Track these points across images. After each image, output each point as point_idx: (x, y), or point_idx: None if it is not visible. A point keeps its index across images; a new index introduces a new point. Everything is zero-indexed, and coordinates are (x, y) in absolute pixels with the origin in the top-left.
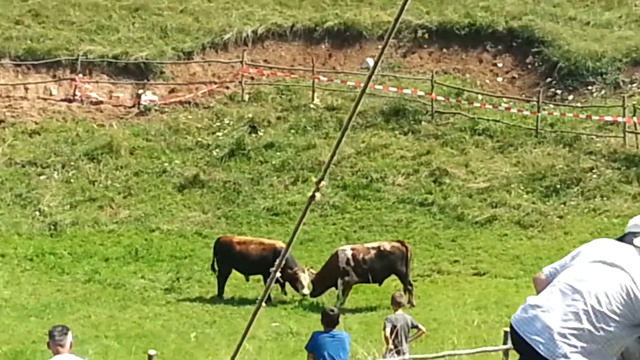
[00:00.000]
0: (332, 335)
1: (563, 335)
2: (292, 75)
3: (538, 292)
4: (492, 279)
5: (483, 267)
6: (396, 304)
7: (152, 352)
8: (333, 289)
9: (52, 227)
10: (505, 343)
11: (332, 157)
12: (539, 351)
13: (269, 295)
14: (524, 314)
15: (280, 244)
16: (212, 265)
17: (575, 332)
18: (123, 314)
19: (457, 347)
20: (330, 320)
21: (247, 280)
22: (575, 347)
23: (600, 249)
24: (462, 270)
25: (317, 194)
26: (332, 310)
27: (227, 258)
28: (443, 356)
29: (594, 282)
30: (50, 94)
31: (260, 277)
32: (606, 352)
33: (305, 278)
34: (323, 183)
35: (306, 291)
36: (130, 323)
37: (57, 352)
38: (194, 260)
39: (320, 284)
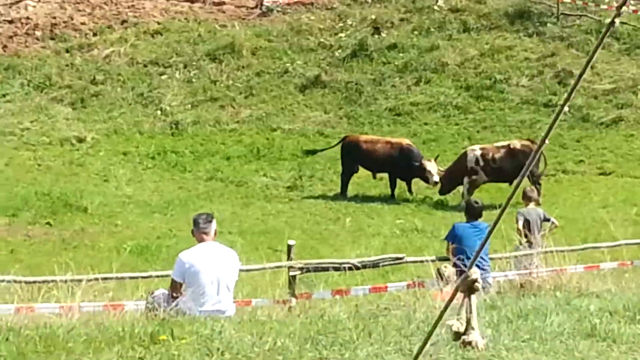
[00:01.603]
0: (475, 226)
1: None
2: None
3: None
4: (619, 179)
5: (609, 166)
6: (527, 198)
7: (291, 242)
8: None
9: (174, 126)
10: None
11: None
12: None
13: (393, 193)
14: None
15: (407, 142)
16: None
17: None
18: (246, 211)
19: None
20: (474, 212)
21: (374, 177)
22: None
23: None
24: (587, 170)
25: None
26: (477, 202)
27: (354, 156)
28: (584, 249)
29: None
30: None
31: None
32: None
33: (434, 166)
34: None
35: (436, 178)
36: (254, 220)
37: (201, 240)
38: (315, 159)
39: (448, 182)
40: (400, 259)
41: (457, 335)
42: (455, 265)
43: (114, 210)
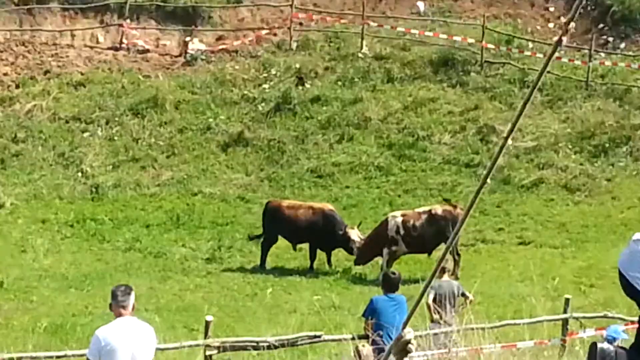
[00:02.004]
0: (392, 299)
1: None
2: (342, 21)
3: None
4: (538, 249)
5: (528, 235)
6: (441, 270)
7: (209, 318)
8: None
9: (94, 189)
10: (565, 312)
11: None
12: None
13: (312, 265)
14: (627, 251)
15: (329, 207)
16: (250, 236)
17: None
18: (164, 286)
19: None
20: (391, 284)
21: (294, 249)
22: None
23: None
24: (506, 239)
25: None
26: (394, 273)
27: (276, 223)
28: (501, 326)
29: None
30: (97, 42)
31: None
32: None
33: (357, 234)
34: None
35: None
36: (171, 295)
37: (119, 315)
38: (235, 227)
39: (367, 252)
40: (318, 337)
41: None
42: (373, 342)
43: (30, 285)
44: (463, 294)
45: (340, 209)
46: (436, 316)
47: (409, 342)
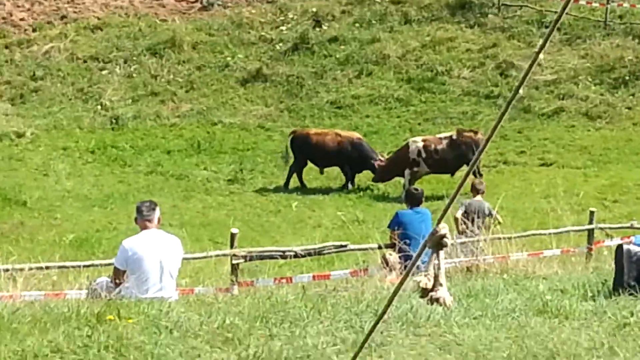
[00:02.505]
0: (417, 212)
1: None
2: None
3: None
4: (560, 169)
5: (550, 157)
6: (475, 190)
7: (234, 230)
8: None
9: (114, 120)
10: (590, 223)
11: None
12: None
13: (353, 182)
14: None
15: (357, 135)
16: (285, 158)
17: None
18: (186, 204)
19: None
20: (415, 199)
21: (322, 173)
22: None
23: None
24: (528, 161)
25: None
26: (417, 190)
27: (304, 150)
28: (527, 235)
29: None
30: None
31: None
32: None
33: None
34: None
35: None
36: (194, 212)
37: (144, 227)
38: (256, 153)
39: (387, 171)
40: (344, 246)
41: (425, 292)
42: (400, 250)
43: (53, 204)
44: (491, 215)
45: (361, 135)
46: (463, 227)
47: (444, 236)
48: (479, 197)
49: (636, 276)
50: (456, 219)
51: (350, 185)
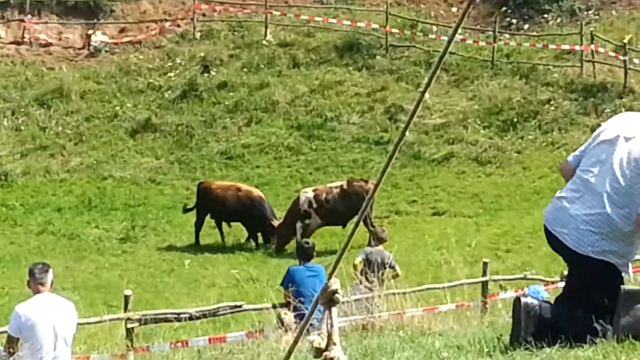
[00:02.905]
0: (310, 268)
1: (587, 223)
2: (245, 11)
3: (566, 181)
4: (452, 219)
5: (442, 206)
6: (377, 239)
7: (127, 292)
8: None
9: (3, 177)
10: (484, 275)
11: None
12: (566, 243)
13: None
14: (551, 208)
15: (257, 192)
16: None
17: (600, 217)
18: (79, 265)
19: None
20: (305, 253)
21: (229, 226)
22: (601, 234)
23: (620, 124)
24: (420, 211)
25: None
26: (308, 243)
27: (206, 203)
28: (422, 290)
29: (614, 161)
30: None
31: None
32: (633, 236)
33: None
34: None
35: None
36: (87, 274)
37: (37, 291)
38: (148, 208)
39: (285, 231)
40: (239, 307)
41: (319, 352)
42: (295, 309)
43: None
44: (392, 266)
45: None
46: (361, 277)
47: (335, 291)
48: (380, 247)
49: (533, 331)
50: (355, 266)
51: (253, 242)
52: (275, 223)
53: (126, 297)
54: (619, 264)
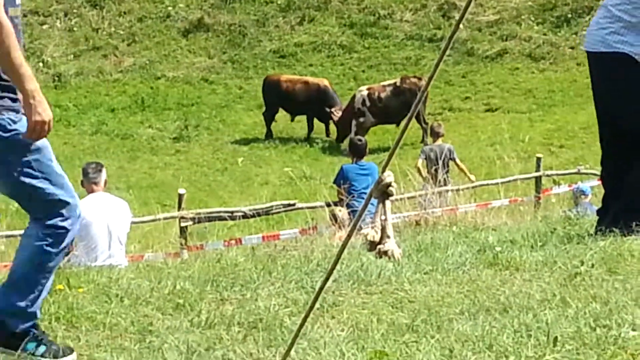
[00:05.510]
0: (362, 166)
1: (597, 24)
2: None
3: None
4: (505, 115)
5: (495, 102)
6: (434, 134)
7: (181, 191)
8: None
9: (57, 78)
10: (537, 170)
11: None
12: (585, 48)
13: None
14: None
15: (325, 82)
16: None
17: (606, 13)
18: (133, 165)
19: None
20: (358, 150)
21: (292, 120)
22: (611, 27)
23: None
24: (473, 107)
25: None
26: (360, 140)
27: (274, 97)
28: (475, 186)
29: None
30: None
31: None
32: None
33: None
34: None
35: None
36: (141, 173)
37: (91, 191)
38: (201, 107)
39: (343, 127)
40: (292, 205)
41: (373, 245)
42: (348, 206)
43: None
44: (453, 157)
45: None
46: (427, 176)
47: (389, 184)
48: (439, 142)
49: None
50: (418, 168)
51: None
52: (336, 116)
53: (180, 196)
54: (633, 53)
